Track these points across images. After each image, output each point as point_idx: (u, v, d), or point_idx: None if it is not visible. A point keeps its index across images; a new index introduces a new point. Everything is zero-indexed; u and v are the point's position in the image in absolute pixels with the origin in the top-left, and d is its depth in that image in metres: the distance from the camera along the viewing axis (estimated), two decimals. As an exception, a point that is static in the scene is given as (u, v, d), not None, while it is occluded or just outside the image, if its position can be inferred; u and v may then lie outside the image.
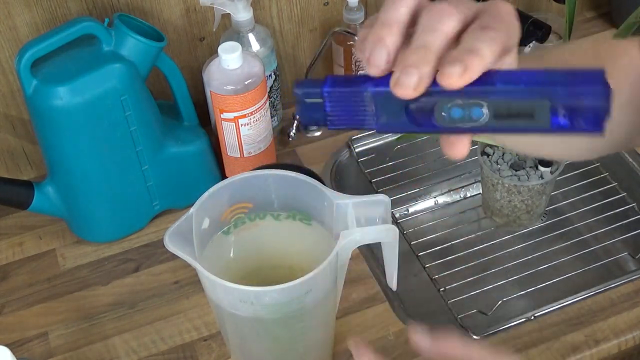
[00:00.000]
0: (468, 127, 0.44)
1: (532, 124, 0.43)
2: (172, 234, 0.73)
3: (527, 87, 0.43)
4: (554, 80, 0.43)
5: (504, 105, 0.43)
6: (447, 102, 0.44)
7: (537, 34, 1.04)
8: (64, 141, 0.97)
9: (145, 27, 1.00)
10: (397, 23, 0.44)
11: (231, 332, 0.83)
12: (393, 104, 0.45)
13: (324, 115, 0.47)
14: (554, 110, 0.43)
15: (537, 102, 0.43)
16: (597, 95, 0.42)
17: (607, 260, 1.05)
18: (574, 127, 0.43)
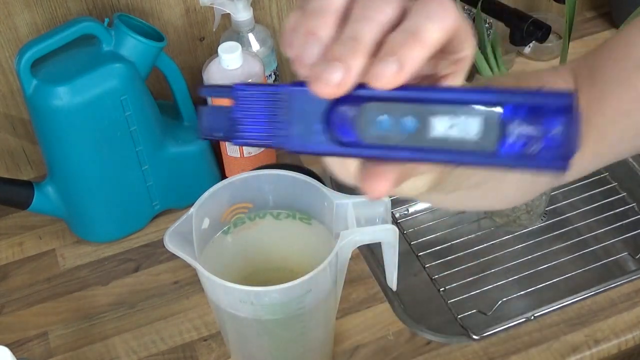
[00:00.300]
0: (397, 145, 0.35)
1: (476, 146, 0.34)
2: (172, 234, 0.73)
3: (475, 96, 0.35)
4: (511, 93, 0.34)
5: (444, 113, 0.35)
6: (374, 108, 0.36)
7: (537, 34, 1.04)
8: (64, 141, 0.97)
9: (145, 27, 1.00)
10: (332, 11, 0.37)
11: (231, 332, 0.83)
12: (312, 111, 0.37)
13: (231, 124, 0.38)
14: (505, 130, 0.34)
15: (485, 112, 0.34)
16: (563, 119, 0.33)
17: (607, 260, 1.05)
18: (526, 157, 0.34)
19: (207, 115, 0.39)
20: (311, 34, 0.36)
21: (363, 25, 0.35)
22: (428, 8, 0.35)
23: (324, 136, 0.37)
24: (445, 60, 0.38)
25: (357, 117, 0.36)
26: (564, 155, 0.34)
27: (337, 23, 0.36)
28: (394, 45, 0.35)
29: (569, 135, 0.34)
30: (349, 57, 0.35)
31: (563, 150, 0.34)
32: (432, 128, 0.35)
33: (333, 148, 0.37)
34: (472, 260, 1.04)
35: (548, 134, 0.34)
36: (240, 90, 0.38)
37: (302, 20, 0.37)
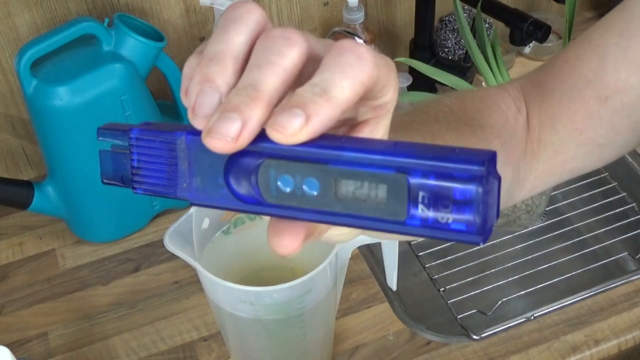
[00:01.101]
0: (300, 207, 0.32)
1: (385, 212, 0.31)
2: (172, 234, 0.73)
3: (381, 158, 0.31)
4: (420, 156, 0.30)
5: (350, 177, 0.31)
6: (275, 166, 0.32)
7: (537, 34, 1.03)
8: (64, 141, 0.97)
9: (145, 27, 1.00)
10: (232, 56, 0.33)
11: (231, 332, 0.83)
12: (210, 163, 0.33)
13: (131, 171, 0.37)
14: (414, 195, 0.30)
15: (391, 178, 0.30)
16: (476, 188, 0.29)
17: (607, 260, 1.05)
18: (438, 228, 0.30)
19: (107, 160, 0.37)
20: (207, 82, 0.32)
21: (264, 71, 0.31)
22: (342, 60, 0.31)
23: (225, 190, 0.33)
24: (364, 107, 0.34)
25: (257, 174, 0.32)
26: (478, 228, 0.29)
27: (237, 69, 0.33)
28: (301, 100, 0.31)
29: (484, 206, 0.29)
30: (246, 107, 0.31)
31: (477, 222, 0.29)
32: (336, 191, 0.31)
33: (234, 204, 0.33)
34: (472, 260, 1.04)
35: (459, 204, 0.29)
36: (136, 136, 0.35)
37: (199, 66, 0.33)
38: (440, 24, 1.25)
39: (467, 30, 1.01)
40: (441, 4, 1.19)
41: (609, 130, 0.54)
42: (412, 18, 1.20)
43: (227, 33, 0.33)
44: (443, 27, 1.25)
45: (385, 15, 1.24)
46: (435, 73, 1.04)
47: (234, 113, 0.31)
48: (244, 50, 0.33)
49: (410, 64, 1.06)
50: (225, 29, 0.33)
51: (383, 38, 1.26)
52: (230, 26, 0.33)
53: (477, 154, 0.29)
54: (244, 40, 0.33)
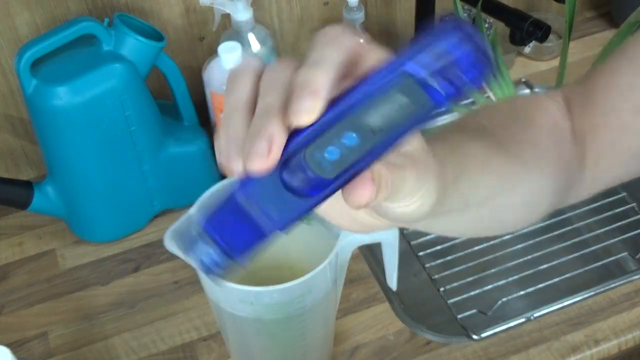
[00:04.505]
0: (356, 160, 0.36)
1: (415, 111, 0.36)
2: (172, 234, 0.73)
3: (385, 78, 0.37)
4: (408, 55, 0.37)
5: (372, 112, 0.36)
6: (313, 148, 0.36)
7: (537, 34, 1.03)
8: (63, 141, 0.97)
9: (145, 27, 1.00)
10: (243, 107, 0.38)
11: (231, 332, 0.83)
12: (271, 188, 0.37)
13: (221, 252, 0.39)
14: (426, 84, 0.36)
15: (402, 87, 0.36)
16: (464, 41, 0.36)
17: (607, 260, 1.05)
18: (458, 86, 0.36)
19: (199, 253, 0.39)
20: (233, 138, 0.37)
21: (271, 95, 0.37)
22: (317, 47, 0.37)
23: (297, 199, 0.38)
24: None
25: (308, 166, 0.37)
26: (485, 61, 0.36)
27: (250, 113, 0.37)
28: (300, 82, 0.36)
29: (479, 46, 0.36)
30: (265, 126, 0.35)
31: (482, 59, 0.36)
32: (371, 127, 0.36)
33: (311, 202, 0.38)
34: (472, 260, 1.04)
35: (462, 61, 0.36)
36: (206, 224, 0.39)
37: (222, 131, 0.38)
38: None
39: (467, 30, 1.01)
40: (441, 4, 1.19)
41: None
42: (412, 18, 1.20)
43: (237, 82, 0.40)
44: (443, 27, 1.24)
45: (385, 15, 1.24)
46: (435, 73, 1.04)
47: (258, 136, 0.35)
48: (250, 98, 0.38)
49: (410, 64, 1.06)
50: (234, 79, 0.40)
51: (383, 38, 1.26)
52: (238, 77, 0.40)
53: (448, 26, 0.36)
54: (251, 87, 0.39)
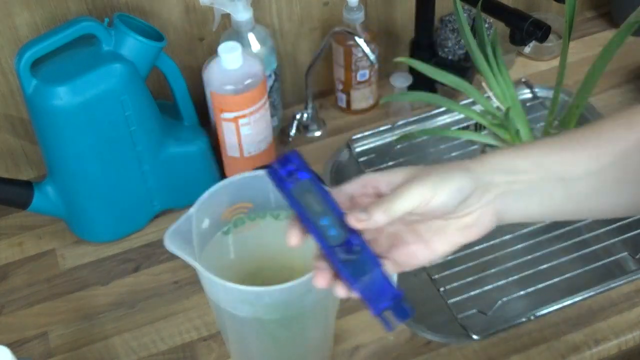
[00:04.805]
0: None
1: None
2: (172, 234, 0.73)
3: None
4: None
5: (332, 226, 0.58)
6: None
7: (537, 34, 1.03)
8: (63, 141, 0.97)
9: (145, 27, 1.00)
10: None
11: (231, 332, 0.83)
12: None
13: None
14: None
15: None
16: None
17: (607, 260, 1.05)
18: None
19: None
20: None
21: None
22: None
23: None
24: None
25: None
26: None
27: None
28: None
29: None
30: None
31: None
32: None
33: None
34: (472, 260, 1.04)
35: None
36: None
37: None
38: (440, 24, 1.25)
39: (467, 30, 1.01)
40: (441, 4, 1.19)
41: None
42: (412, 18, 1.20)
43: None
44: (443, 27, 1.25)
45: (385, 15, 1.24)
46: (435, 73, 1.04)
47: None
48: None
49: (410, 64, 1.06)
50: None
51: (383, 38, 1.26)
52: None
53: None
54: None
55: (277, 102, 1.18)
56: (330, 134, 1.21)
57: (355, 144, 1.18)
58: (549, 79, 1.25)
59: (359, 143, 1.19)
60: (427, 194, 0.58)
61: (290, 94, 1.25)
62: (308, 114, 1.20)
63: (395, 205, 0.58)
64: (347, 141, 1.19)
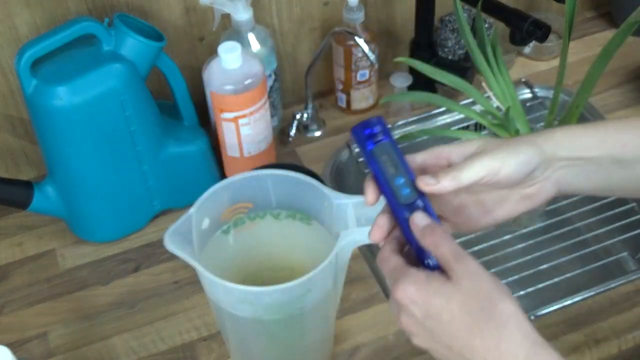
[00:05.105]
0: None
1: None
2: (172, 233, 0.73)
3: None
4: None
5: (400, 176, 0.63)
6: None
7: (537, 34, 1.03)
8: (63, 141, 0.97)
9: (145, 27, 1.00)
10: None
11: (231, 332, 0.83)
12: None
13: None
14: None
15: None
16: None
17: (607, 260, 1.05)
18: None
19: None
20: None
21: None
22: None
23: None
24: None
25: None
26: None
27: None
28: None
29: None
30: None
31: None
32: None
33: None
34: (472, 260, 1.03)
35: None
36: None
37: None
38: (440, 24, 1.25)
39: (467, 30, 1.01)
40: (441, 4, 1.19)
41: None
42: (412, 18, 1.20)
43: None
44: (443, 27, 1.25)
45: (385, 15, 1.24)
46: (435, 73, 1.04)
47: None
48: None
49: (410, 64, 1.06)
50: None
51: (383, 38, 1.26)
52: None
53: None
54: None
55: (277, 102, 1.18)
56: (330, 134, 1.21)
57: (355, 144, 1.18)
58: (549, 79, 1.25)
59: (359, 143, 1.19)
60: (496, 165, 0.62)
61: (290, 94, 1.25)
62: (308, 114, 1.20)
63: (463, 174, 0.61)
64: (347, 141, 1.19)
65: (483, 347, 0.57)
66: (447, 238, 0.60)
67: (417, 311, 0.60)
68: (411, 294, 0.59)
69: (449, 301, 0.58)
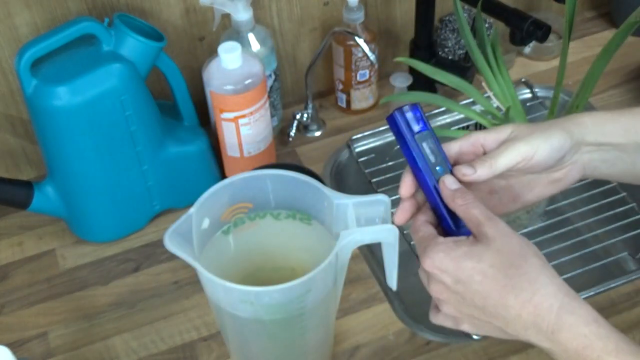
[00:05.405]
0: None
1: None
2: (172, 234, 0.73)
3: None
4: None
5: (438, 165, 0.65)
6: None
7: (537, 34, 1.03)
8: (64, 141, 0.97)
9: (145, 27, 1.00)
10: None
11: (231, 332, 0.83)
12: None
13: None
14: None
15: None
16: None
17: (607, 260, 1.05)
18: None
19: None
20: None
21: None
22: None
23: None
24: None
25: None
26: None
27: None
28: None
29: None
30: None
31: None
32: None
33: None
34: (472, 260, 1.03)
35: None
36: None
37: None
38: (440, 24, 1.25)
39: (467, 30, 1.01)
40: (441, 4, 1.19)
41: None
42: (412, 18, 1.20)
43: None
44: (443, 27, 1.25)
45: (385, 15, 1.24)
46: (435, 73, 1.04)
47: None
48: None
49: (410, 64, 1.06)
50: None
51: (383, 38, 1.26)
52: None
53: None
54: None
55: (277, 102, 1.18)
56: (330, 134, 1.21)
57: (355, 144, 1.19)
58: (549, 79, 1.25)
59: (359, 143, 1.19)
60: (530, 151, 0.64)
61: (290, 94, 1.25)
62: (308, 114, 1.20)
63: (499, 161, 0.63)
64: (347, 141, 1.19)
65: (517, 302, 0.59)
66: (477, 201, 0.62)
67: (447, 278, 0.61)
68: (440, 261, 0.60)
69: (480, 261, 0.59)
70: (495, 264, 0.59)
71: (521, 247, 0.60)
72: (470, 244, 0.60)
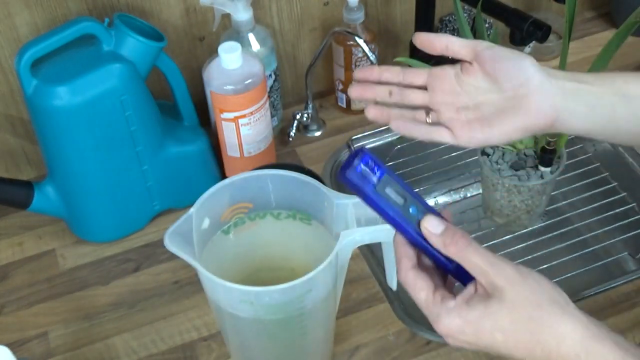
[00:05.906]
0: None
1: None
2: (172, 234, 0.73)
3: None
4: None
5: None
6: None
7: (537, 34, 1.03)
8: (64, 141, 0.97)
9: (145, 27, 1.00)
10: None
11: (231, 332, 0.83)
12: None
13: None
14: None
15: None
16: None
17: (607, 260, 1.05)
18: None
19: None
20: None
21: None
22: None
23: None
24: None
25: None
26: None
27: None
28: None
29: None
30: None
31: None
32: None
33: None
34: (472, 260, 1.03)
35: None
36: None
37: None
38: (440, 24, 1.25)
39: (467, 30, 1.01)
40: (441, 4, 1.19)
41: None
42: (412, 18, 1.20)
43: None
44: (443, 27, 1.25)
45: (385, 15, 1.24)
46: (435, 73, 1.03)
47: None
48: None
49: (410, 64, 1.06)
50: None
51: (383, 38, 1.26)
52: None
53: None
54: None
55: (277, 102, 1.18)
56: (330, 134, 1.21)
57: (355, 144, 1.19)
58: (549, 79, 1.25)
59: (359, 143, 1.19)
60: (485, 44, 0.71)
61: (290, 94, 1.25)
62: (308, 114, 1.20)
63: (453, 40, 0.71)
64: (347, 141, 1.19)
65: (544, 355, 0.57)
66: (471, 244, 0.59)
67: (467, 338, 0.59)
68: (457, 327, 0.58)
69: (498, 320, 0.57)
70: (515, 320, 0.57)
71: (534, 294, 0.59)
72: (482, 300, 0.58)
